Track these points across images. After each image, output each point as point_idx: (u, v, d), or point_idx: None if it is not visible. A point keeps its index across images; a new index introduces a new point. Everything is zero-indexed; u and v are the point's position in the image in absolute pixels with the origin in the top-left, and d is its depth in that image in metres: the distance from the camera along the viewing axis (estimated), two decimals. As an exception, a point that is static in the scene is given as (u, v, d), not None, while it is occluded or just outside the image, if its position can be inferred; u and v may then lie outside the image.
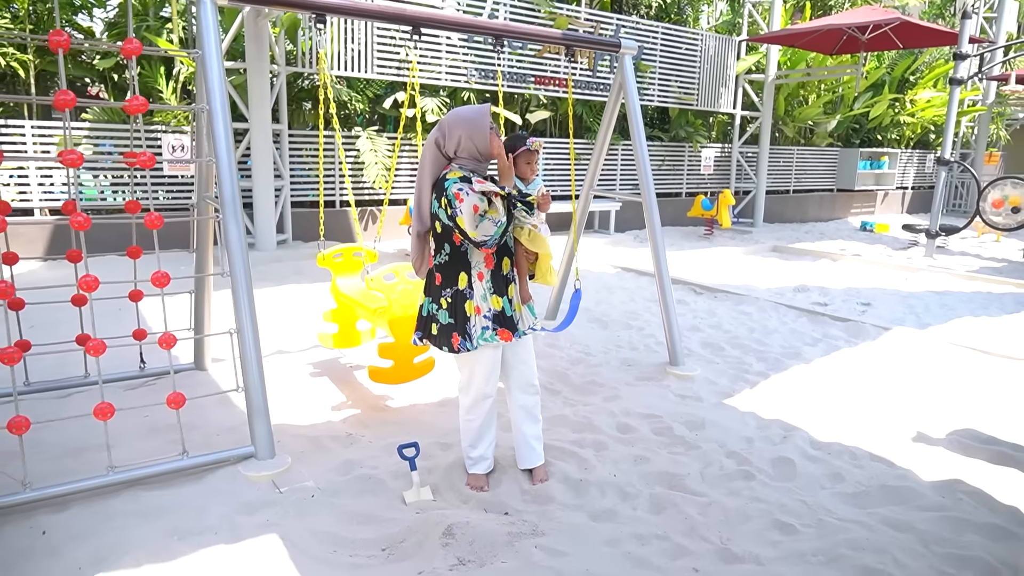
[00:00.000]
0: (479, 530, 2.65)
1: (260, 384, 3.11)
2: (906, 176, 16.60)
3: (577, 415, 3.94)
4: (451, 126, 2.81)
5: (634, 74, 4.68)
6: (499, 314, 2.86)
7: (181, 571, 2.42)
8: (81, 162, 2.88)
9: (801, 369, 4.87)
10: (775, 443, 3.65)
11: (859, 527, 2.81)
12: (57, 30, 2.92)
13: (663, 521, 2.85)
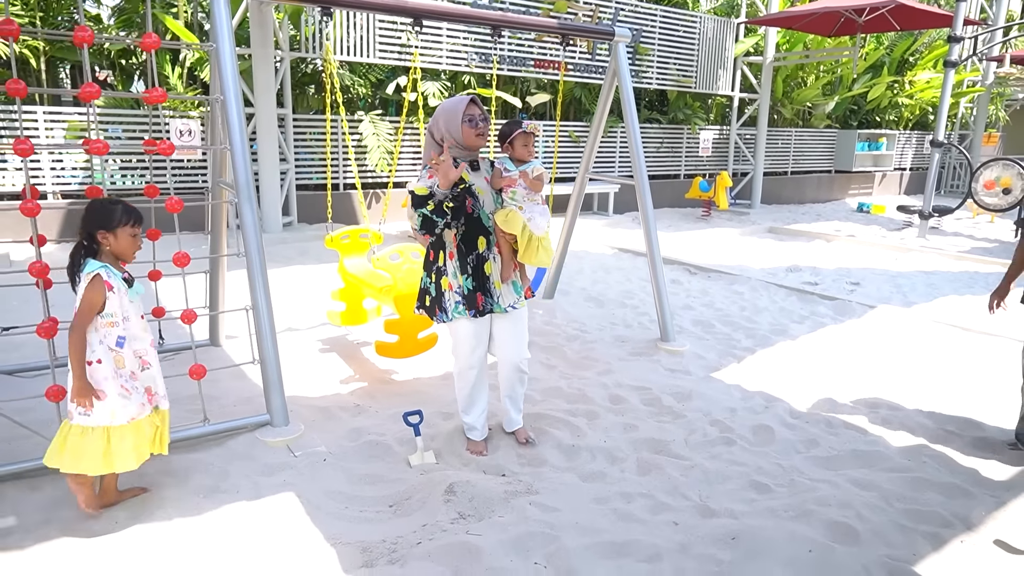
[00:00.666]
0: (478, 488, 2.90)
1: (275, 357, 3.35)
2: (904, 157, 16.72)
3: (571, 387, 4.17)
4: (437, 115, 3.08)
5: (627, 60, 4.86)
6: (469, 291, 3.08)
7: (209, 525, 2.67)
8: (107, 150, 3.09)
9: (787, 345, 5.10)
10: (757, 412, 3.89)
11: (828, 486, 3.05)
12: (81, 26, 3.12)
13: (648, 481, 3.10)
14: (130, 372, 2.59)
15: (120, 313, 2.55)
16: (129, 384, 2.58)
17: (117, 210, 2.53)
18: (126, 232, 2.53)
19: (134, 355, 2.61)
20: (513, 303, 3.18)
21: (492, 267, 3.13)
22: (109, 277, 2.50)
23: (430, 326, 4.16)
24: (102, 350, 2.52)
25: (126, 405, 2.57)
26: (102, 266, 2.51)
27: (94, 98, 3.13)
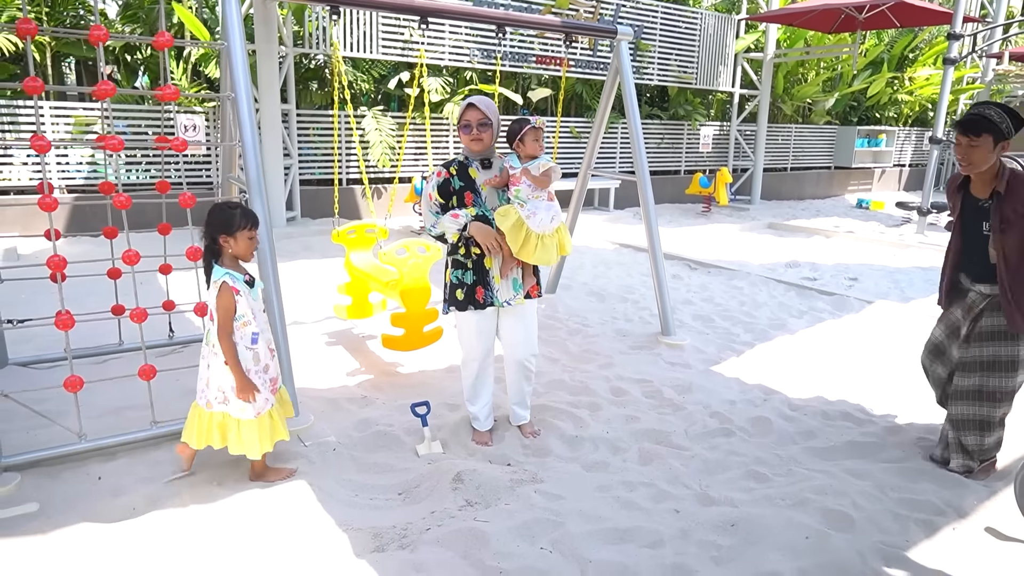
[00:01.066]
0: (485, 476, 2.99)
1: (285, 349, 3.42)
2: (904, 154, 16.79)
3: (574, 380, 4.26)
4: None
5: (630, 58, 4.92)
6: (455, 285, 3.21)
7: (224, 511, 2.75)
8: (122, 146, 3.17)
9: (786, 339, 5.19)
10: (756, 405, 3.97)
11: (824, 476, 3.13)
12: (96, 25, 3.19)
13: (649, 471, 3.18)
14: (264, 365, 2.84)
15: (250, 312, 2.75)
16: (259, 380, 2.81)
17: (236, 215, 2.69)
18: (244, 235, 2.70)
19: (267, 346, 2.86)
20: (509, 299, 3.24)
21: (493, 262, 3.20)
22: (234, 283, 2.71)
23: (435, 320, 4.23)
24: (239, 349, 2.75)
25: (254, 403, 2.79)
26: (226, 273, 2.71)
27: (109, 95, 3.19)
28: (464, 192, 3.15)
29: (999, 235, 2.92)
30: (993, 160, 2.90)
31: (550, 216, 3.19)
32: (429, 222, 3.15)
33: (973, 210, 3.05)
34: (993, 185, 2.95)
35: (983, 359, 3.09)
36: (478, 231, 3.08)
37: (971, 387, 3.12)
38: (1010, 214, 2.88)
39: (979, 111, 2.91)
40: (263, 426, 2.83)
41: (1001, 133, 2.86)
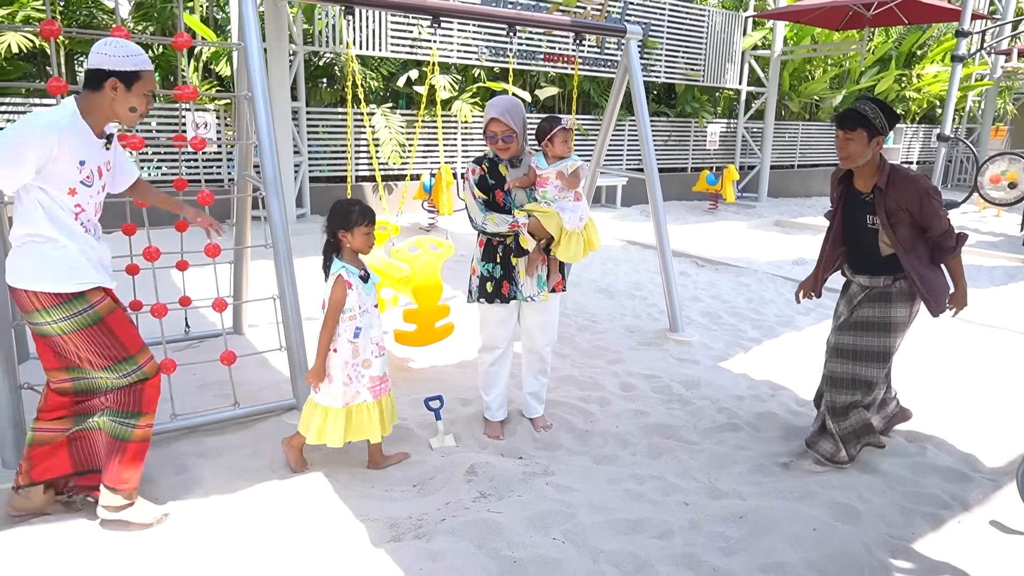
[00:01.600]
0: (498, 469, 3.05)
1: (301, 343, 3.49)
2: (912, 150, 16.76)
3: (584, 375, 4.32)
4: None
5: (639, 56, 4.97)
6: (485, 278, 3.28)
7: (244, 502, 2.82)
8: (142, 145, 3.24)
9: (793, 336, 5.23)
10: (763, 400, 4.02)
11: (831, 470, 3.18)
12: (118, 26, 3.25)
13: (659, 465, 3.24)
14: (363, 360, 2.90)
15: (358, 307, 2.85)
16: (355, 373, 2.89)
17: (354, 211, 2.82)
18: (361, 231, 2.82)
19: (371, 342, 2.92)
20: (534, 295, 3.31)
21: (519, 260, 3.26)
22: (349, 277, 2.82)
23: (447, 315, 4.29)
24: (341, 341, 2.86)
25: (344, 392, 2.89)
26: (342, 267, 2.82)
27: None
28: (495, 190, 3.21)
29: (889, 229, 2.99)
30: (869, 155, 2.97)
31: (578, 215, 3.23)
32: (479, 219, 3.18)
33: (855, 203, 3.12)
34: (874, 180, 3.02)
35: (857, 348, 3.16)
36: (537, 228, 3.16)
37: (847, 375, 3.17)
38: (894, 207, 2.96)
39: (855, 105, 2.98)
40: (349, 419, 2.91)
41: (875, 128, 2.92)
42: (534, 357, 3.51)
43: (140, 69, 2.40)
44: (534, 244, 3.22)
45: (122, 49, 2.39)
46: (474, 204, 3.20)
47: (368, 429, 2.98)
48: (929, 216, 2.94)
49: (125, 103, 2.42)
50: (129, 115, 2.46)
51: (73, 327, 2.44)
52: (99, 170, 2.51)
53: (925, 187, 2.92)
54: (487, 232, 3.23)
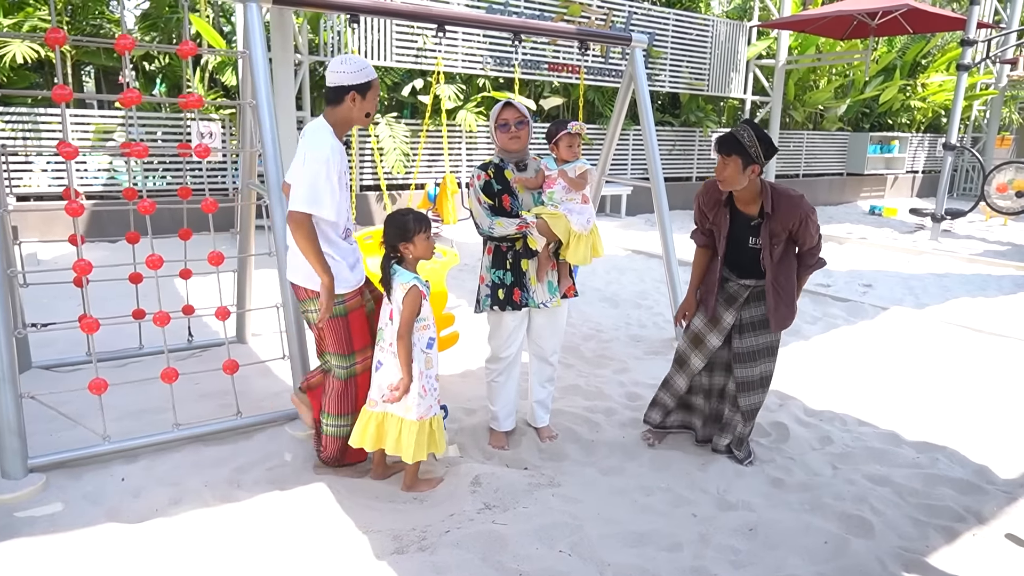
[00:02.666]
0: (503, 480, 3.00)
1: (301, 353, 3.46)
2: (916, 160, 16.71)
3: (589, 385, 4.27)
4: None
5: (644, 65, 4.95)
6: (497, 285, 3.23)
7: (245, 512, 2.78)
8: (147, 153, 3.23)
9: (800, 345, 5.18)
10: (772, 410, 3.97)
11: (842, 481, 3.13)
12: (123, 35, 3.25)
13: (666, 476, 3.19)
14: (435, 373, 2.86)
15: (430, 317, 2.81)
16: (429, 385, 2.84)
17: (410, 220, 2.76)
18: (422, 238, 2.77)
19: (437, 355, 2.88)
20: (546, 301, 3.28)
21: (529, 263, 3.24)
22: (423, 287, 2.78)
23: (452, 324, 4.26)
24: (415, 352, 2.80)
25: (419, 404, 2.81)
26: (415, 277, 2.76)
27: (135, 103, 3.26)
28: (502, 195, 3.19)
29: (769, 249, 3.01)
30: (746, 182, 2.96)
31: (585, 218, 3.21)
32: (485, 224, 3.14)
33: (743, 226, 3.11)
34: (759, 204, 3.01)
35: (758, 347, 3.21)
36: (545, 229, 3.13)
37: (757, 376, 3.23)
38: (779, 230, 2.99)
39: (734, 130, 2.97)
40: (423, 432, 2.83)
41: (749, 157, 2.90)
42: (543, 364, 3.48)
43: (372, 79, 2.75)
44: (543, 243, 3.19)
45: (355, 65, 2.73)
46: (480, 209, 3.17)
47: (439, 442, 2.91)
48: (805, 235, 3.01)
49: (363, 110, 2.77)
50: (365, 120, 2.82)
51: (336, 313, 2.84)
52: (345, 174, 2.85)
53: (807, 209, 2.97)
54: (494, 237, 3.20)
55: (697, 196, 3.26)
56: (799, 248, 3.11)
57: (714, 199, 3.16)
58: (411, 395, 2.82)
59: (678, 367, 3.41)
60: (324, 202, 2.69)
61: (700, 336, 3.32)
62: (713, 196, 3.16)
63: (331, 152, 2.70)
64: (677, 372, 3.42)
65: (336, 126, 2.80)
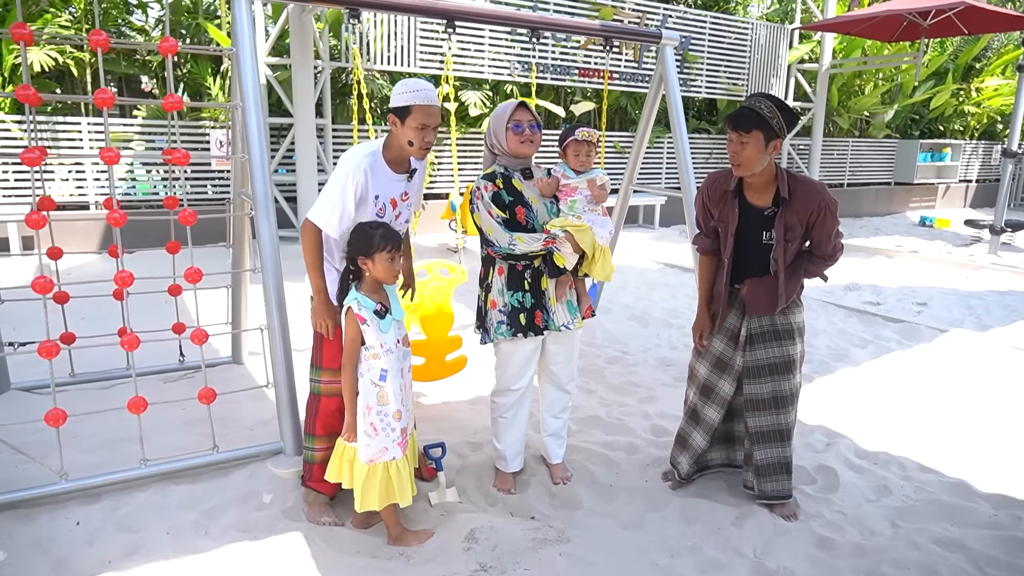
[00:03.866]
0: (503, 535, 2.61)
1: (288, 380, 3.12)
2: (970, 168, 15.84)
3: (611, 416, 3.85)
4: (489, 122, 2.89)
5: (675, 65, 4.53)
6: (517, 309, 2.83)
7: (206, 566, 2.44)
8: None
9: (849, 372, 4.67)
10: (818, 451, 3.50)
11: (905, 544, 2.65)
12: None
13: (694, 532, 2.75)
14: (395, 411, 2.48)
15: (379, 345, 2.45)
16: (383, 424, 2.46)
17: (376, 236, 2.43)
18: (383, 257, 2.43)
19: (401, 389, 2.51)
20: (567, 323, 2.90)
21: (549, 282, 2.86)
22: (360, 309, 2.43)
23: (459, 347, 3.89)
24: (363, 383, 2.48)
25: (368, 445, 2.47)
26: (354, 298, 2.45)
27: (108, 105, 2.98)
28: (515, 207, 2.81)
29: (783, 245, 2.64)
30: (766, 161, 2.56)
31: (607, 230, 2.87)
32: (504, 241, 2.73)
33: (755, 219, 2.69)
34: (772, 191, 2.64)
35: (768, 361, 2.81)
36: (573, 244, 2.76)
37: (768, 394, 2.83)
38: (795, 223, 2.61)
39: (749, 103, 2.54)
40: (372, 477, 2.47)
41: (772, 130, 2.51)
42: (558, 393, 3.08)
43: (411, 104, 2.47)
44: (574, 260, 2.80)
45: (404, 87, 2.50)
46: (494, 225, 2.74)
47: (398, 491, 2.51)
48: (824, 231, 2.64)
49: (404, 137, 2.52)
50: (408, 148, 2.55)
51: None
52: (392, 201, 2.65)
53: (828, 199, 2.60)
54: (515, 255, 2.79)
55: (700, 191, 2.85)
56: (813, 251, 2.72)
57: (721, 190, 2.75)
58: (359, 434, 2.47)
59: (704, 397, 2.98)
60: (331, 217, 2.54)
61: (723, 359, 2.89)
62: (720, 187, 2.75)
63: (353, 169, 2.52)
64: (705, 403, 2.98)
65: (391, 151, 2.62)
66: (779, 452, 2.86)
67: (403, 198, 2.72)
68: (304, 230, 2.63)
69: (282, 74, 8.23)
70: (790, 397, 2.83)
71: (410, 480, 2.54)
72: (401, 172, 2.67)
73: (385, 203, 2.63)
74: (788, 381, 2.82)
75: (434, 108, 2.51)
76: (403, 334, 2.59)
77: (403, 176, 2.68)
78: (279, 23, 8.02)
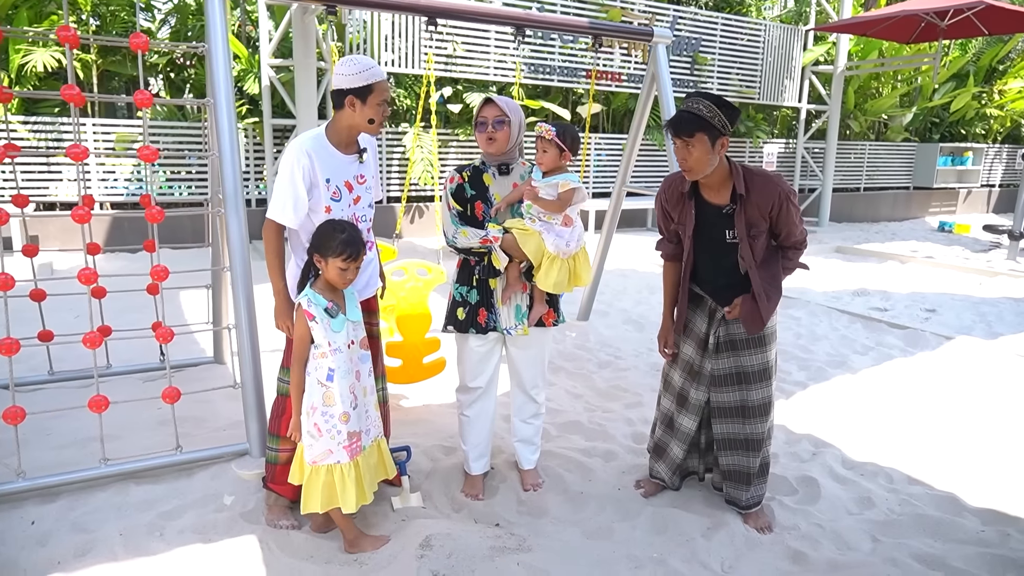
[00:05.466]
0: (460, 542, 2.52)
1: (255, 381, 3.07)
2: (993, 173, 15.47)
3: (592, 421, 3.76)
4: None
5: (668, 64, 4.44)
6: (458, 303, 2.83)
7: (154, 569, 2.39)
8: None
9: (845, 380, 4.52)
10: (803, 460, 3.37)
11: (882, 561, 2.53)
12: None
13: (662, 543, 2.65)
14: (341, 413, 2.40)
15: (329, 344, 2.39)
16: (328, 425, 2.40)
17: (336, 239, 2.37)
18: (336, 263, 2.37)
19: (350, 391, 2.43)
20: (510, 328, 2.82)
21: (498, 282, 2.80)
22: (310, 306, 2.38)
23: (437, 350, 3.82)
24: (310, 382, 2.42)
25: (311, 446, 2.41)
26: (306, 295, 2.41)
27: (79, 103, 2.98)
28: (475, 201, 2.77)
29: (747, 242, 2.55)
30: (716, 161, 2.46)
31: (565, 240, 2.75)
32: (449, 232, 2.76)
33: (714, 218, 2.61)
34: (729, 188, 2.56)
35: (733, 370, 2.73)
36: (512, 246, 2.70)
37: (736, 403, 2.74)
38: (756, 217, 2.53)
39: (686, 106, 2.45)
40: (315, 478, 2.41)
41: (716, 129, 2.42)
42: (525, 399, 3.01)
43: (373, 82, 2.48)
44: (506, 262, 2.72)
45: (356, 66, 2.48)
46: (447, 216, 2.78)
47: (340, 497, 2.42)
48: (788, 222, 2.55)
49: (364, 116, 2.52)
50: (368, 126, 2.56)
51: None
52: (347, 185, 2.61)
53: (785, 189, 2.52)
54: (458, 248, 2.78)
55: (658, 196, 2.77)
56: (782, 243, 2.63)
57: (678, 193, 2.67)
58: (303, 434, 2.42)
59: (680, 406, 2.88)
60: (284, 209, 2.52)
61: (694, 366, 2.80)
62: (676, 190, 2.67)
63: (297, 155, 2.50)
64: (680, 411, 2.88)
65: (339, 133, 2.59)
66: (745, 460, 2.75)
67: (359, 180, 2.66)
68: (265, 229, 2.59)
69: (285, 75, 8.25)
70: (761, 407, 2.72)
71: (357, 487, 2.45)
72: (351, 153, 2.63)
73: (339, 186, 2.58)
74: (758, 390, 2.71)
75: (388, 82, 2.57)
76: (360, 336, 2.53)
77: (353, 157, 2.64)
78: (282, 25, 8.04)
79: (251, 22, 8.77)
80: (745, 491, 2.79)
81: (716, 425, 2.80)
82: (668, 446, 2.94)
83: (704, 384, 2.79)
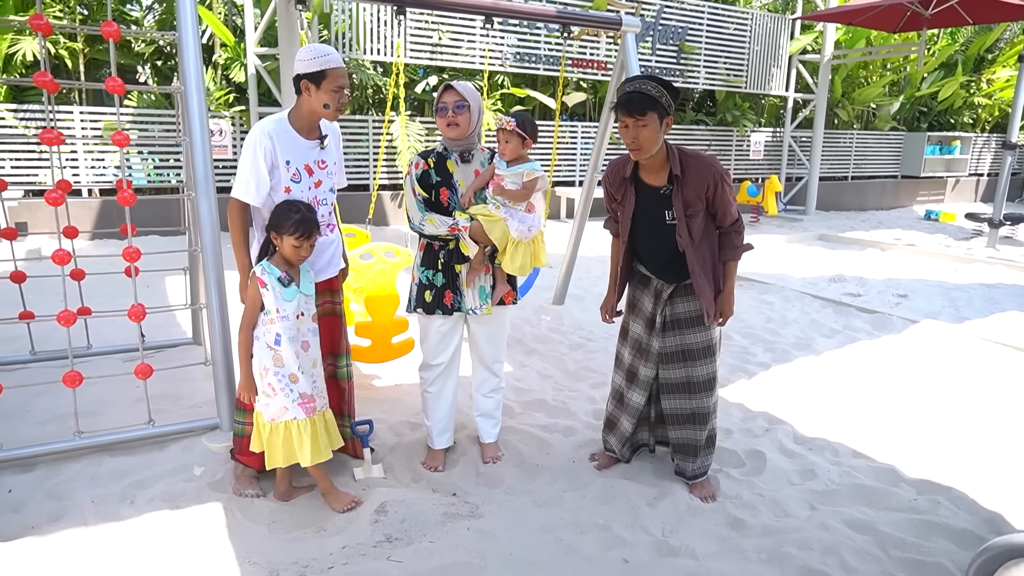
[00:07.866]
0: (413, 509, 2.66)
1: (225, 358, 3.19)
2: (981, 162, 15.56)
3: (556, 400, 3.89)
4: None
5: (636, 52, 4.53)
6: (424, 287, 2.93)
7: (122, 534, 2.52)
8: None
9: (808, 361, 4.65)
10: (755, 436, 3.50)
11: (815, 526, 2.66)
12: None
13: (608, 511, 2.78)
14: (289, 373, 2.58)
15: (275, 311, 2.55)
16: (281, 384, 2.57)
17: (291, 219, 2.52)
18: (290, 240, 2.52)
19: (295, 355, 2.59)
20: (475, 308, 2.94)
21: (462, 267, 2.91)
22: (263, 274, 2.55)
23: (405, 330, 3.94)
24: (259, 345, 2.58)
25: (268, 405, 2.59)
26: (261, 264, 2.57)
27: (53, 90, 3.10)
28: (440, 188, 2.87)
29: (685, 222, 2.67)
30: (660, 141, 2.60)
31: (527, 225, 2.88)
32: (416, 219, 2.86)
33: (653, 200, 2.73)
34: (667, 170, 2.68)
35: (681, 348, 2.85)
36: (479, 234, 2.82)
37: (682, 379, 2.87)
38: (693, 198, 2.65)
39: (636, 87, 2.55)
40: (275, 435, 2.60)
41: (664, 109, 2.55)
42: (486, 374, 3.14)
43: (325, 68, 2.56)
44: (475, 250, 2.85)
45: (310, 52, 2.58)
46: (413, 202, 2.87)
47: (298, 450, 2.60)
48: (722, 203, 2.68)
49: (320, 101, 2.60)
50: (324, 111, 2.65)
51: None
52: (307, 168, 2.71)
53: (719, 171, 2.65)
54: (425, 234, 2.89)
55: (603, 178, 2.91)
56: (720, 224, 2.75)
57: (620, 176, 2.79)
58: (259, 394, 2.60)
59: (629, 382, 3.01)
60: (247, 188, 2.64)
61: (642, 344, 2.93)
62: (619, 174, 2.79)
63: (259, 137, 2.62)
64: (630, 387, 3.01)
65: (301, 118, 2.69)
66: (692, 433, 2.89)
67: (320, 166, 2.77)
68: (230, 208, 2.72)
69: (271, 64, 8.32)
70: (706, 383, 2.85)
71: (313, 442, 2.61)
72: (313, 138, 2.73)
73: (299, 169, 2.69)
74: (703, 366, 2.84)
75: (344, 70, 2.65)
76: (311, 311, 2.67)
77: (315, 143, 2.74)
78: (267, 13, 8.10)
79: (237, 10, 8.82)
80: (692, 462, 2.92)
81: (664, 400, 2.94)
82: (619, 420, 3.07)
83: (652, 361, 2.92)
